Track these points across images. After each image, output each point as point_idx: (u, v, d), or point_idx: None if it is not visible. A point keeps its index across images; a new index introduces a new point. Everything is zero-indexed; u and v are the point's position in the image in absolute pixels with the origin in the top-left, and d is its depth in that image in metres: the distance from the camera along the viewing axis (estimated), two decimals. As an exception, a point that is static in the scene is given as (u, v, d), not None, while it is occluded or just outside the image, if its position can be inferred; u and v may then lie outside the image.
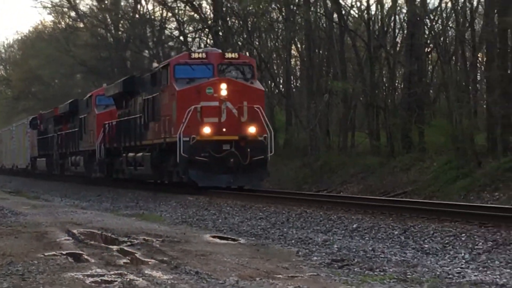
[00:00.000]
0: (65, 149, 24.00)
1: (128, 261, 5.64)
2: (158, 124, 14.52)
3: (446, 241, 6.41)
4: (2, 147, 36.48)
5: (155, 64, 17.70)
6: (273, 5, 22.56)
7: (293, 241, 7.43)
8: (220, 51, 15.20)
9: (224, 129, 12.91)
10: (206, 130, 12.78)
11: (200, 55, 13.87)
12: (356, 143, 20.85)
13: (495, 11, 15.34)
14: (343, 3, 21.20)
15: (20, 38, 44.41)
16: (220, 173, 12.94)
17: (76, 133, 22.41)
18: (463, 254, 5.71)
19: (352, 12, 22.57)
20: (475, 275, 4.73)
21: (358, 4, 22.10)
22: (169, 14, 28.99)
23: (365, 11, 20.60)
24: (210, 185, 12.99)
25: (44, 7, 31.96)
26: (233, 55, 14.63)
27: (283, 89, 26.20)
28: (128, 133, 17.11)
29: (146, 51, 30.95)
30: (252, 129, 12.98)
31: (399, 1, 18.64)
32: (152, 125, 15.00)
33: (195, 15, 26.21)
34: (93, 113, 20.51)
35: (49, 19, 37.63)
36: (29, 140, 29.58)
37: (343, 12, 20.92)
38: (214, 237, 7.83)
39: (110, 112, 19.42)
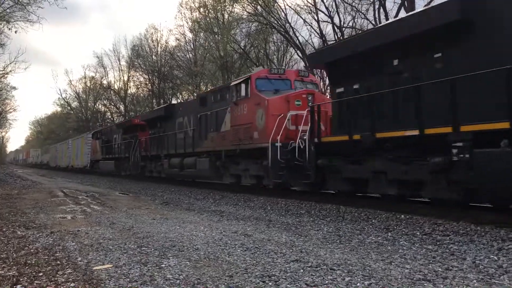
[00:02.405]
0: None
1: (85, 202, 13.12)
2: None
3: (205, 196, 14.16)
4: (57, 154, 56.65)
5: None
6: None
7: (149, 195, 15.17)
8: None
9: None
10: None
11: None
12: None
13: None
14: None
15: (46, 114, 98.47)
16: None
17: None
18: (211, 200, 13.30)
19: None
20: (214, 207, 12.09)
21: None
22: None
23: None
24: None
25: (57, 104, 78.63)
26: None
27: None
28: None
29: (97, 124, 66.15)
30: None
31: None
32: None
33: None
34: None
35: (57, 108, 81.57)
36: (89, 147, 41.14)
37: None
38: (119, 193, 15.60)
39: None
